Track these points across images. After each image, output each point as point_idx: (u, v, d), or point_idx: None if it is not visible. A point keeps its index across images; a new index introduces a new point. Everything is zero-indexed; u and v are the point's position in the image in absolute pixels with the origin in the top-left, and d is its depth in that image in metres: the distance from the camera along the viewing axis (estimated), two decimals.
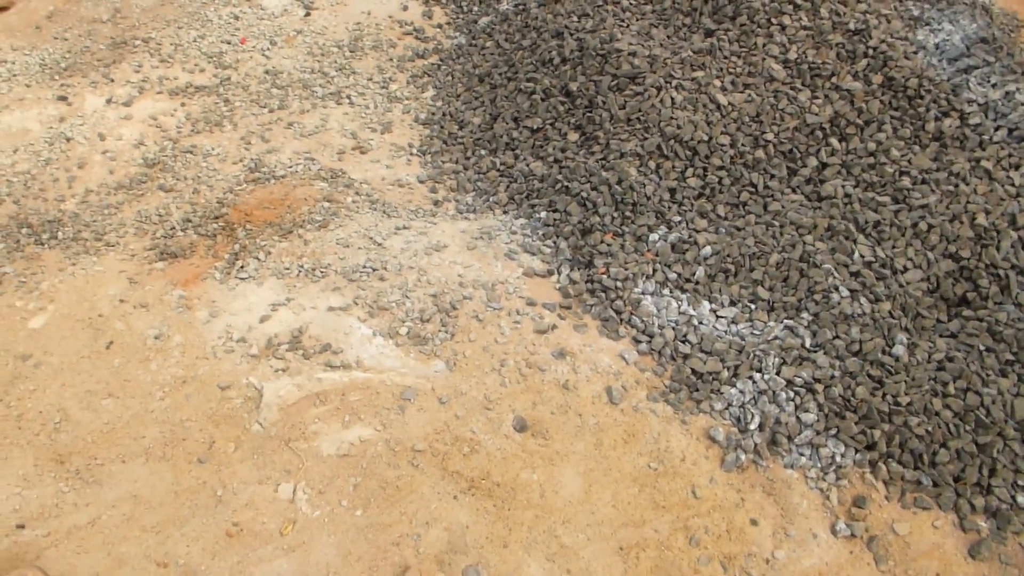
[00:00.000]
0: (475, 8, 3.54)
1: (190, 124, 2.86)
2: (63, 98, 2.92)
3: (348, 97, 3.04)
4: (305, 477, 1.81)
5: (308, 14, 3.45)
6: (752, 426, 1.96)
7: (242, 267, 2.24)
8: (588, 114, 2.58)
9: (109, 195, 2.54)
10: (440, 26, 3.51)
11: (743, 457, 1.91)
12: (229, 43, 3.31)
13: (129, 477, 1.79)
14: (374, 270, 2.19)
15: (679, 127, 2.42)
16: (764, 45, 2.64)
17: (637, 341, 2.12)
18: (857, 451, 1.93)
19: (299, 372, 1.97)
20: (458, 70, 3.14)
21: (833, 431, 1.95)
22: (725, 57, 2.62)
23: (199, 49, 3.27)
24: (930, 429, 1.87)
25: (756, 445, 1.94)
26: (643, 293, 2.18)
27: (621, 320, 2.15)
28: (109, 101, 2.94)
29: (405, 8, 3.55)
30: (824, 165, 2.44)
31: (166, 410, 1.90)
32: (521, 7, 3.26)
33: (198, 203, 2.50)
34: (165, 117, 2.90)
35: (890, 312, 2.12)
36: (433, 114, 2.95)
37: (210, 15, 3.49)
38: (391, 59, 3.26)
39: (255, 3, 3.54)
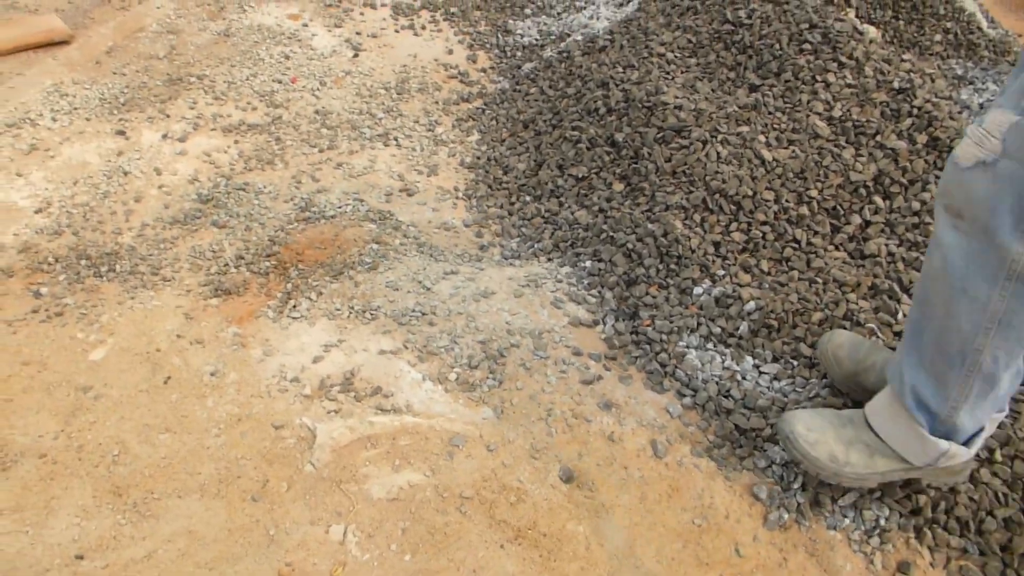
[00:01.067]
0: (519, 54, 3.64)
1: (243, 161, 2.95)
2: (121, 132, 3.02)
3: (395, 139, 3.12)
4: (356, 520, 1.84)
5: (356, 55, 3.55)
6: (795, 485, 1.97)
7: (294, 306, 2.30)
8: (634, 165, 2.64)
9: (165, 229, 2.61)
10: (484, 70, 3.60)
11: (786, 516, 1.93)
12: (280, 82, 3.41)
13: (184, 512, 1.84)
14: (423, 314, 2.24)
15: (724, 181, 2.47)
16: (808, 102, 2.69)
17: (681, 395, 2.15)
18: (902, 515, 1.94)
19: (351, 414, 2.02)
20: (502, 115, 3.22)
21: (877, 494, 1.96)
22: (770, 112, 2.67)
23: (251, 87, 3.37)
24: (976, 497, 1.89)
25: (799, 505, 1.95)
26: (687, 347, 2.22)
27: (665, 373, 2.18)
28: (165, 136, 3.03)
29: (450, 52, 3.64)
30: (868, 223, 2.48)
31: (221, 447, 1.95)
32: (565, 55, 3.35)
33: (250, 240, 2.56)
34: (218, 154, 2.98)
35: None
36: (478, 158, 3.02)
37: (262, 54, 3.60)
38: (436, 102, 3.34)
39: (305, 43, 3.64)
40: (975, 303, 1.43)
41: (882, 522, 1.94)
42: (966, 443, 1.69)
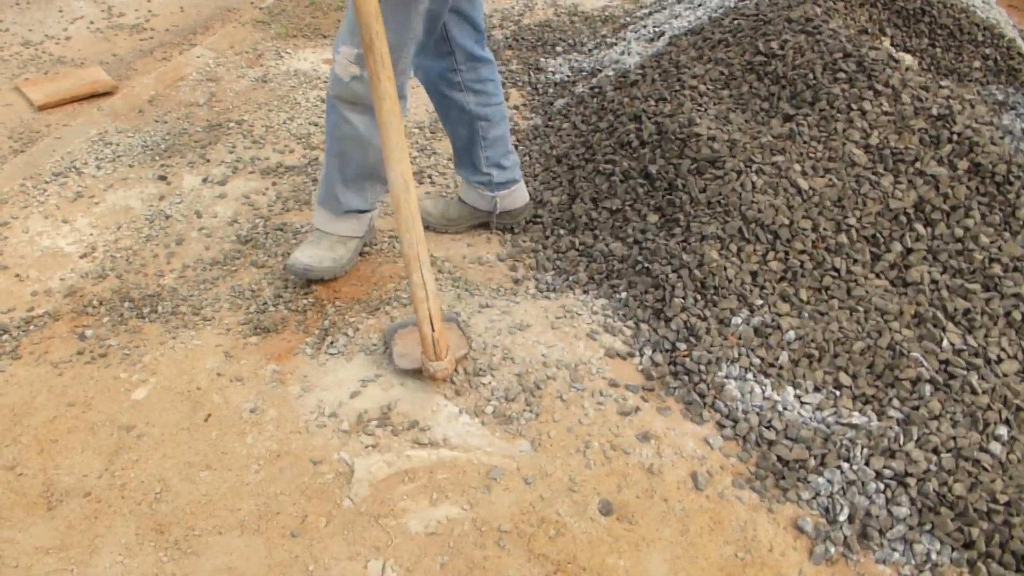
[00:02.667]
0: (551, 90, 3.68)
1: (280, 203, 3.01)
2: (163, 178, 3.11)
3: (429, 177, 3.16)
4: (394, 554, 1.83)
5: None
6: (841, 517, 1.92)
7: (332, 343, 2.32)
8: (668, 196, 2.64)
9: (205, 271, 2.67)
10: (516, 107, 3.65)
11: (832, 550, 1.87)
12: (316, 124, 3.49)
13: (225, 549, 1.84)
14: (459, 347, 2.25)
15: (760, 211, 2.46)
16: (844, 131, 2.67)
17: (721, 426, 2.11)
18: (954, 549, 1.87)
19: (388, 449, 2.02)
20: (535, 151, 3.25)
21: (928, 527, 1.90)
22: (805, 142, 2.66)
23: (288, 130, 3.45)
24: None
25: (846, 538, 1.90)
26: (727, 377, 2.19)
27: (705, 404, 2.15)
28: (205, 180, 3.11)
29: None
30: (909, 251, 2.44)
31: (260, 483, 1.96)
32: (597, 90, 3.38)
33: (288, 279, 2.60)
34: (257, 196, 3.05)
35: (988, 405, 2.08)
36: None
37: (298, 98, 3.70)
38: None
39: None
40: None
41: (933, 556, 1.87)
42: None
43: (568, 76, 3.79)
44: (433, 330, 2.04)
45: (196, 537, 1.87)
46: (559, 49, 4.05)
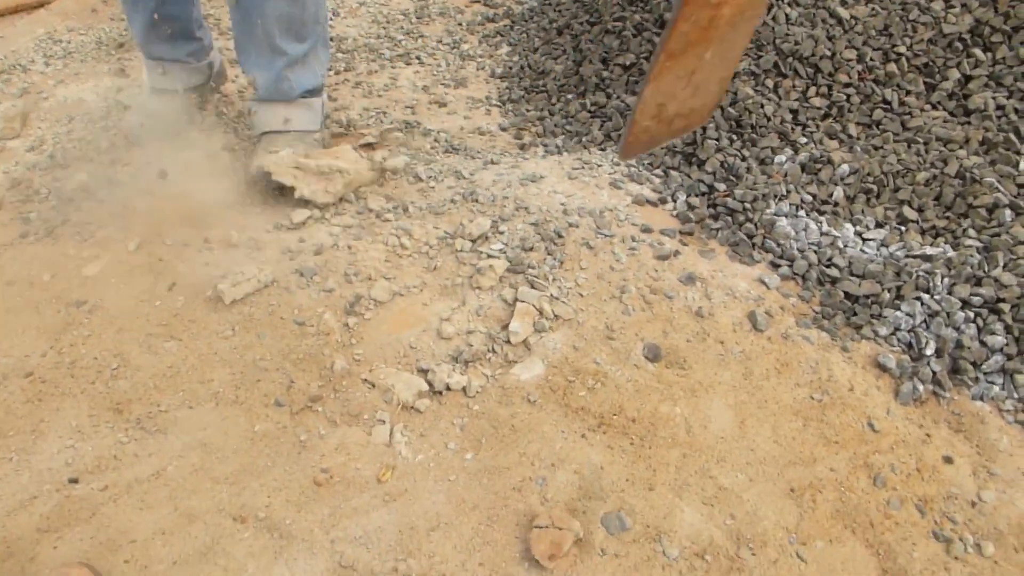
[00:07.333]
0: None
1: (251, 89, 2.68)
2: (121, 71, 2.77)
3: (418, 57, 2.83)
4: (403, 418, 1.52)
5: None
6: (928, 352, 1.62)
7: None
8: None
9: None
10: None
11: (921, 388, 1.57)
12: None
13: (197, 424, 1.53)
14: (465, 200, 1.93)
15: (797, 43, 2.14)
16: None
17: (775, 265, 1.81)
18: None
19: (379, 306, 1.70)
20: (533, 28, 2.93)
21: None
22: None
23: None
24: None
25: (935, 374, 1.60)
26: (776, 215, 1.88)
27: (754, 244, 1.84)
28: None
29: None
30: (968, 78, 2.13)
31: (236, 349, 1.64)
32: None
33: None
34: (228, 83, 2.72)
35: None
36: (510, 68, 2.72)
37: None
38: (460, 24, 3.06)
39: None
40: None
41: None
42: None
43: None
44: None
45: (162, 413, 1.55)
46: None
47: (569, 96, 2.47)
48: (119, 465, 1.47)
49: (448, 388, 1.56)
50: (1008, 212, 1.84)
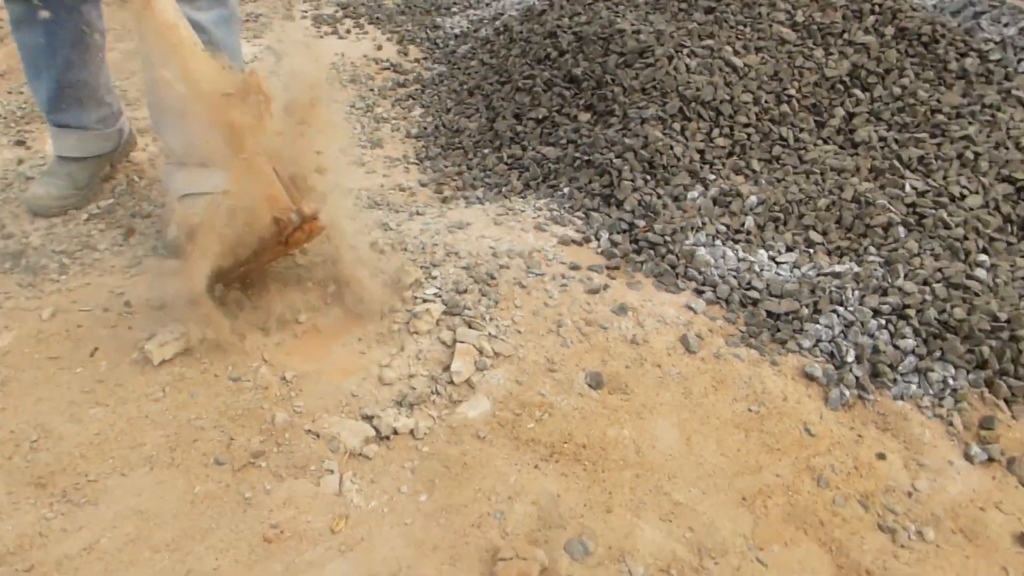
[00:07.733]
0: (451, 42, 3.47)
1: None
2: (21, 142, 2.68)
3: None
4: (351, 466, 1.49)
5: (279, 60, 3.32)
6: (849, 359, 1.72)
7: None
8: (597, 93, 2.44)
9: (79, 225, 2.26)
10: (417, 60, 3.41)
11: (847, 393, 1.66)
12: None
13: (131, 490, 1.45)
14: (393, 250, 1.94)
15: (698, 89, 2.30)
16: (769, 13, 2.58)
17: (700, 292, 1.89)
18: (969, 371, 1.70)
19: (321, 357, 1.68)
20: (444, 90, 3.02)
21: (937, 354, 1.73)
22: (732, 27, 2.55)
23: None
24: None
25: (858, 379, 1.69)
26: (695, 245, 1.97)
27: (677, 274, 1.93)
28: None
29: (379, 48, 3.45)
30: (852, 115, 2.33)
31: (168, 410, 1.57)
32: (502, 29, 3.18)
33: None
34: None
35: (964, 236, 1.96)
36: (425, 128, 2.78)
37: None
38: (372, 89, 3.12)
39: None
40: None
41: (950, 382, 1.69)
42: None
43: (468, 28, 3.60)
44: None
45: (90, 483, 1.46)
46: (455, 9, 3.86)
47: (486, 151, 2.55)
48: (45, 542, 1.37)
49: (395, 432, 1.54)
50: (901, 229, 2.00)
